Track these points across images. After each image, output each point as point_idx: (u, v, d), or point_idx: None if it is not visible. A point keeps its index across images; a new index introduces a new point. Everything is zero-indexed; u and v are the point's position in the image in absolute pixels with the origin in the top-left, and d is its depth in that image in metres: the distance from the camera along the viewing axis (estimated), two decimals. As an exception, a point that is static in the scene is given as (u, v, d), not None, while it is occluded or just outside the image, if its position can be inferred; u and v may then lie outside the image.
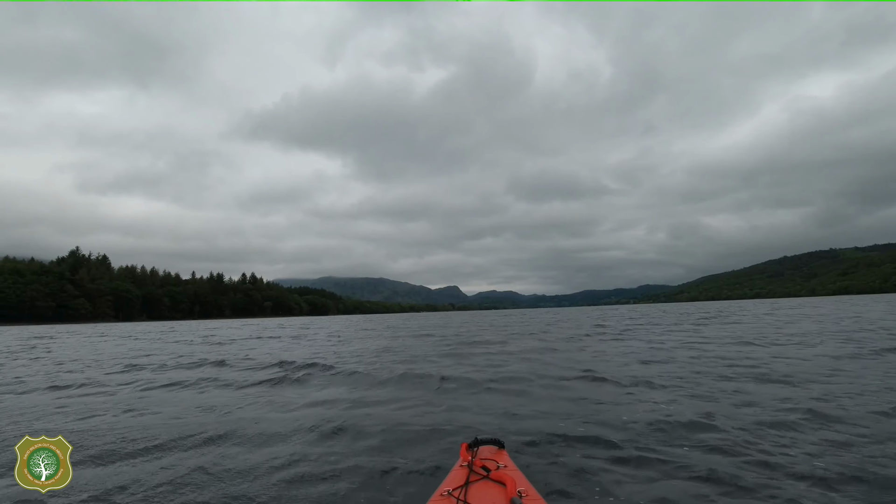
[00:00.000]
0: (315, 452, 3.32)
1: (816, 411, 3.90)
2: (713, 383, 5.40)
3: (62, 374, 8.40)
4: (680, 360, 7.45)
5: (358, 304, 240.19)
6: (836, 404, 4.16)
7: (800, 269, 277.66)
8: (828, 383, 5.15)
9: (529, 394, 5.28)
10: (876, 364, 6.38)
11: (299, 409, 4.84)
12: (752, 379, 5.58)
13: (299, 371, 7.52)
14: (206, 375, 7.47)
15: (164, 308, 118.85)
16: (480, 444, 2.43)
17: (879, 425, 3.53)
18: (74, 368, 9.26)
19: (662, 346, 10.04)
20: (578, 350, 9.99)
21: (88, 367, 9.47)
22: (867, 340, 9.31)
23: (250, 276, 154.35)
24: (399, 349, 11.46)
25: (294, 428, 3.99)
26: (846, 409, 4.00)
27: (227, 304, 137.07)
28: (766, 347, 8.92)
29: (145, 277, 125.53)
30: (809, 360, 7.00)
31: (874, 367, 6.16)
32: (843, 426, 3.53)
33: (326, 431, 3.84)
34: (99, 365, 9.73)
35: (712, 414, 3.94)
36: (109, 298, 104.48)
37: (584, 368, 6.80)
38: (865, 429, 3.45)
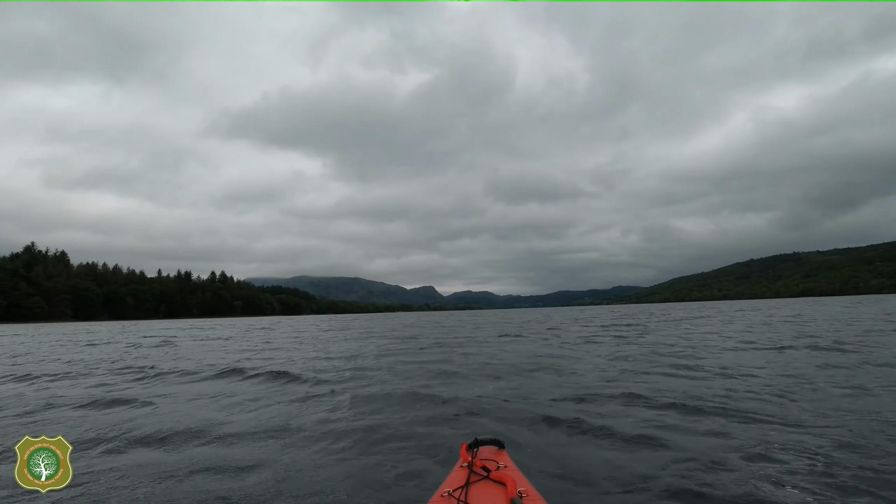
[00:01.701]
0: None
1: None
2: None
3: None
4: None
5: (332, 304, 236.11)
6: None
7: (765, 272, 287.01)
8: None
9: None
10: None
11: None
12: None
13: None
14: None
15: (127, 307, 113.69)
16: (480, 444, 2.42)
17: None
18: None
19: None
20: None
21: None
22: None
23: (220, 275, 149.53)
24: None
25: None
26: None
27: (195, 304, 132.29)
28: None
29: (107, 275, 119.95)
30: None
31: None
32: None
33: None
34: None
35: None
36: (67, 297, 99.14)
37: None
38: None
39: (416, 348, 11.45)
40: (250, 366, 8.12)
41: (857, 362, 6.46)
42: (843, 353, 7.51)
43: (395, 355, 9.86)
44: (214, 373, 7.47)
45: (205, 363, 8.98)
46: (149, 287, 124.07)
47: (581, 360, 7.97)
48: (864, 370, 5.88)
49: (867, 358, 6.82)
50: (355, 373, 7.19)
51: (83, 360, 10.40)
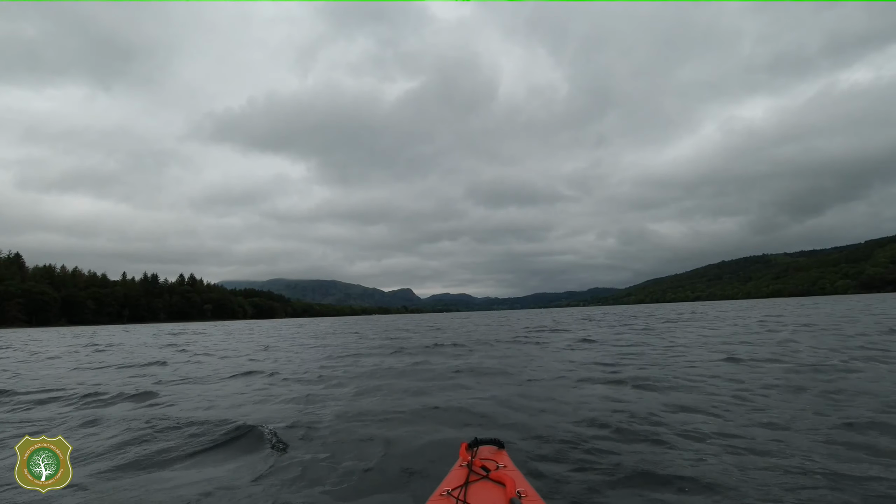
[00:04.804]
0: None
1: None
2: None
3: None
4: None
5: (307, 306, 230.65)
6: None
7: (736, 273, 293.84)
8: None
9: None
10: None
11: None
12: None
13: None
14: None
15: (87, 312, 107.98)
16: (480, 444, 2.42)
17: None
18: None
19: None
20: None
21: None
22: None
23: (189, 278, 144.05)
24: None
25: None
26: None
27: (161, 307, 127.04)
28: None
29: (66, 278, 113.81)
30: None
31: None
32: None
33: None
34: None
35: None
36: (20, 301, 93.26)
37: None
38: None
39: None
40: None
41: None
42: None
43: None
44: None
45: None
46: (111, 291, 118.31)
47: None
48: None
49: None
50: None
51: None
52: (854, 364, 5.83)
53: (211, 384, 6.51)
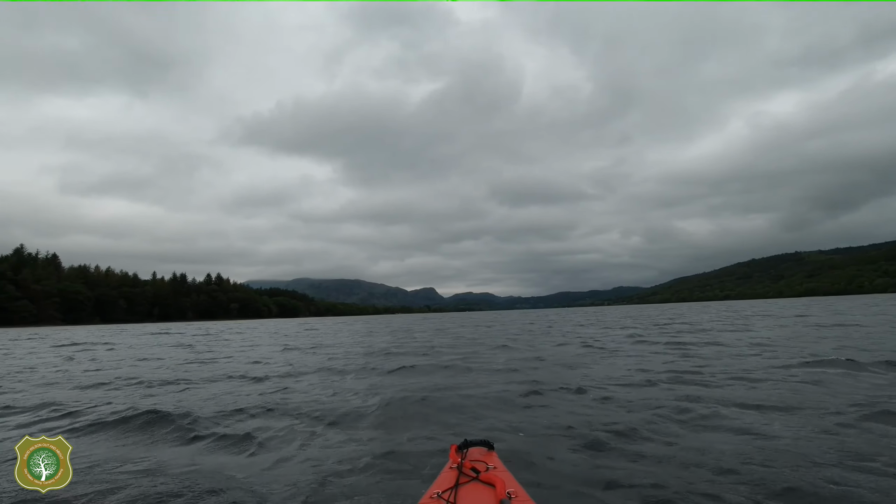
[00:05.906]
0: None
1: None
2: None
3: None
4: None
5: (331, 306, 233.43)
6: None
7: (767, 272, 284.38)
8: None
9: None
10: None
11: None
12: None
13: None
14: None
15: (119, 311, 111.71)
16: (470, 445, 2.43)
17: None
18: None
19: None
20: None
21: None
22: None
23: (216, 277, 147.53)
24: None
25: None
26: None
27: (189, 307, 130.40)
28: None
29: (99, 278, 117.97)
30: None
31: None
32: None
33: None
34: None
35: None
36: (56, 300, 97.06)
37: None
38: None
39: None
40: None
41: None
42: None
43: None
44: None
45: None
46: (142, 290, 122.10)
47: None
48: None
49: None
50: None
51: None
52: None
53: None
